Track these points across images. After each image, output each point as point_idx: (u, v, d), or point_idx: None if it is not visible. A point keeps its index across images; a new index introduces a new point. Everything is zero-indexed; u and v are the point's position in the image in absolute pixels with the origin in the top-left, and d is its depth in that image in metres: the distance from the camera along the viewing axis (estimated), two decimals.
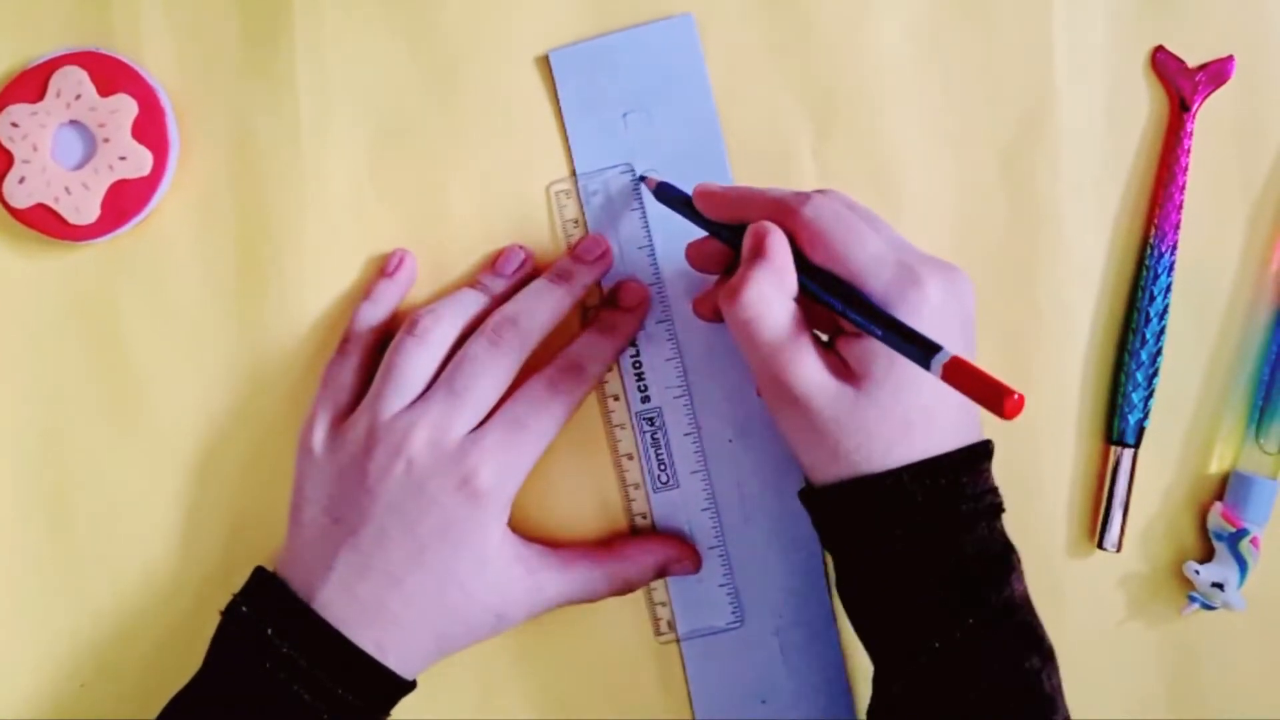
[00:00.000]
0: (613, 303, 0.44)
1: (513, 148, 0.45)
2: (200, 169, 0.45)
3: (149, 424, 0.46)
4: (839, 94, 0.45)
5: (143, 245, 0.45)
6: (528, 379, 0.42)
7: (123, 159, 0.44)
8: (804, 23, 0.45)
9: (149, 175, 0.44)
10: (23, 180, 0.44)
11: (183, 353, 0.45)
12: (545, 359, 0.43)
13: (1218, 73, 0.44)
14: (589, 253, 0.44)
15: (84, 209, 0.44)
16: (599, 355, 0.43)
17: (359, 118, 0.45)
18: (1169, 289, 0.44)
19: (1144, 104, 0.45)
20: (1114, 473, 0.45)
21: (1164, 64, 0.45)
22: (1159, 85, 0.45)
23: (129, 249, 0.45)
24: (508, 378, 0.42)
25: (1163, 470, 0.45)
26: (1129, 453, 0.45)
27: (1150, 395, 0.44)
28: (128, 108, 0.44)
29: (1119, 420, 0.45)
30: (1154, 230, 0.44)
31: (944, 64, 0.45)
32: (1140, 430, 0.45)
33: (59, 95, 0.44)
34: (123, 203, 0.44)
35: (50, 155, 0.44)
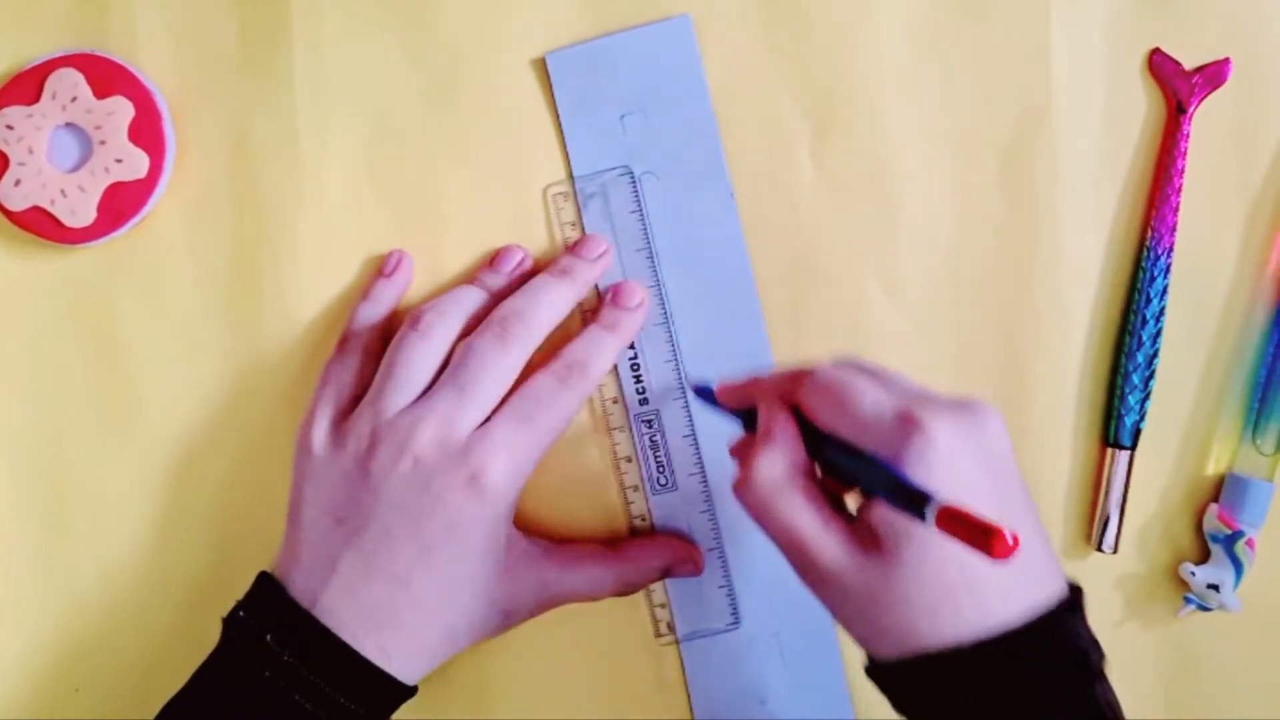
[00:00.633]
0: (613, 301, 0.44)
1: (510, 149, 0.45)
2: (197, 171, 0.45)
3: (145, 426, 0.46)
4: (837, 95, 0.45)
5: (139, 248, 0.45)
6: (531, 375, 0.42)
7: (119, 161, 0.44)
8: (802, 24, 0.45)
9: (145, 178, 0.44)
10: (18, 183, 0.44)
11: (179, 355, 0.45)
12: (542, 358, 0.43)
13: (1214, 75, 0.44)
14: (590, 251, 0.44)
15: (80, 211, 0.44)
16: (602, 352, 0.43)
17: (356, 120, 0.45)
18: (1165, 291, 0.44)
19: (1141, 106, 0.45)
20: (1110, 475, 0.45)
21: (1161, 66, 0.45)
22: (1156, 87, 0.45)
23: (125, 252, 0.45)
24: (513, 373, 0.41)
25: (1159, 472, 0.45)
26: (1125, 455, 0.45)
27: (1147, 397, 0.45)
28: (124, 110, 0.44)
29: (1115, 422, 0.45)
30: (1150, 232, 0.45)
31: (942, 65, 0.45)
32: (1137, 432, 0.45)
33: (55, 97, 0.44)
34: (119, 205, 0.44)
35: (46, 158, 0.44)
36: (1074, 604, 0.35)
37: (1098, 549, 0.45)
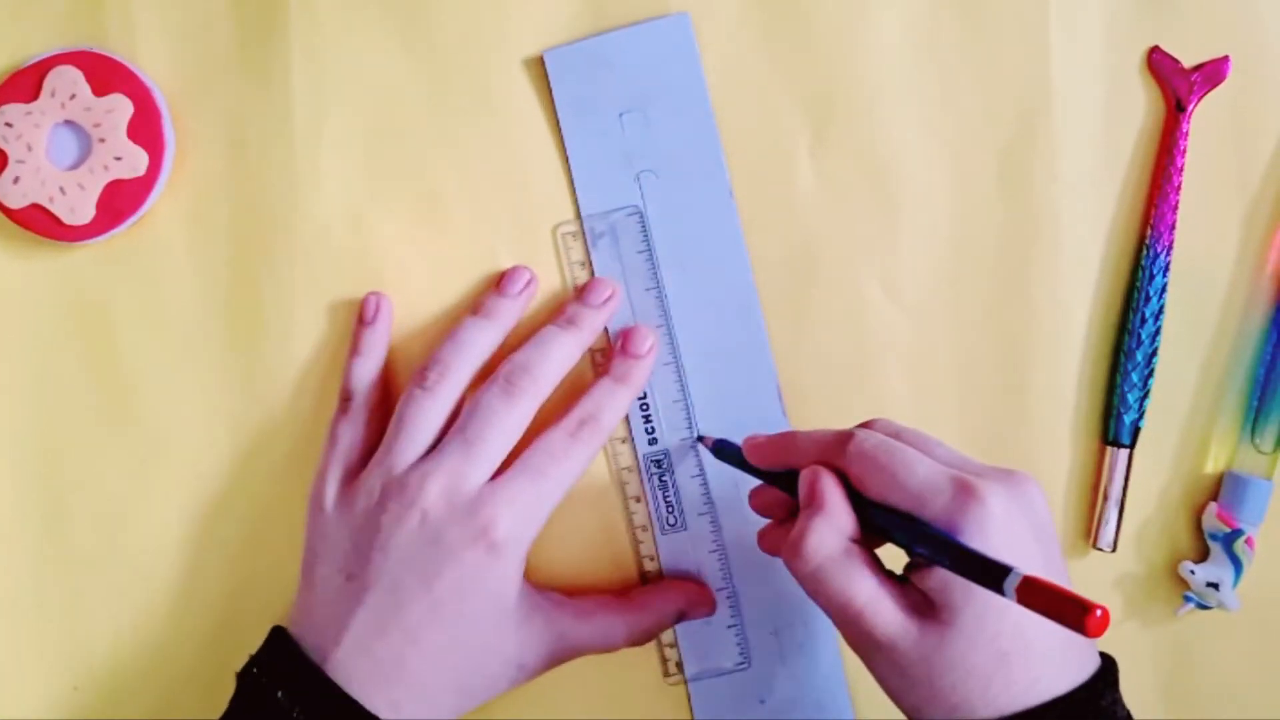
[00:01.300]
0: (622, 350, 0.44)
1: (508, 149, 0.45)
2: (195, 169, 0.45)
3: (143, 425, 0.45)
4: (836, 94, 0.45)
5: (138, 245, 0.45)
6: (541, 428, 0.42)
7: (118, 159, 0.44)
8: (801, 23, 0.45)
9: (144, 175, 0.44)
10: (17, 180, 0.44)
11: (177, 353, 0.45)
12: (551, 404, 0.42)
13: (1213, 73, 0.44)
14: (597, 296, 0.44)
15: (79, 209, 0.44)
16: (615, 405, 0.43)
17: (354, 117, 0.45)
18: (1164, 289, 0.44)
19: (1140, 104, 0.45)
20: (1109, 473, 0.45)
21: (1159, 64, 0.45)
22: (1154, 85, 0.45)
23: (124, 249, 0.45)
24: (521, 426, 0.41)
25: (1158, 470, 0.45)
26: (1124, 453, 0.45)
27: (1146, 396, 0.44)
28: (123, 108, 0.44)
29: (1114, 421, 0.45)
30: (1150, 230, 0.44)
31: (941, 64, 0.45)
32: (1136, 431, 0.45)
33: (54, 95, 0.44)
34: (118, 203, 0.44)
35: (45, 155, 0.44)
36: (1111, 674, 0.36)
37: (1096, 547, 0.45)
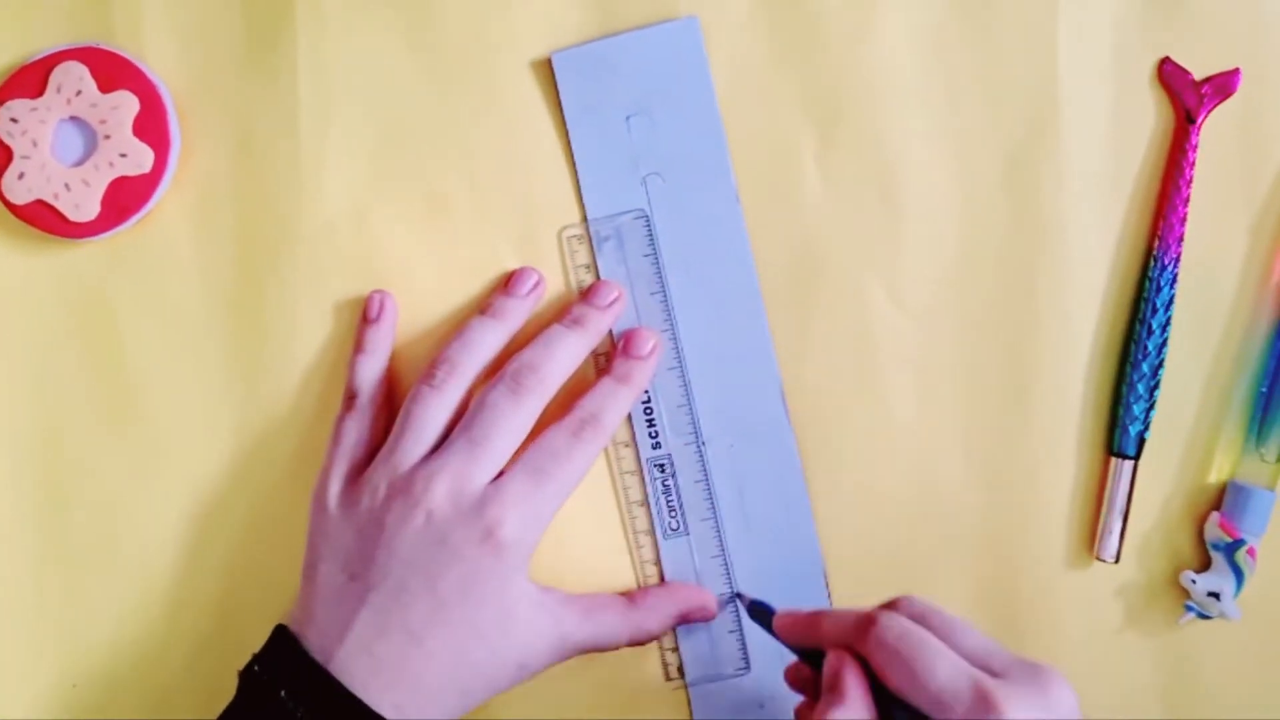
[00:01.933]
0: (625, 351, 0.44)
1: (514, 151, 0.45)
2: (201, 166, 0.45)
3: (146, 422, 0.45)
4: (843, 100, 0.45)
5: (142, 243, 0.45)
6: (544, 428, 0.42)
7: (123, 156, 0.44)
8: (809, 28, 0.45)
9: (150, 172, 0.44)
10: (22, 176, 0.44)
11: (181, 351, 0.45)
12: (556, 404, 0.42)
13: (1223, 85, 0.44)
14: (603, 298, 0.44)
15: (84, 206, 0.44)
16: (616, 404, 0.43)
17: (360, 116, 0.45)
18: (1171, 301, 0.44)
19: (1149, 115, 0.45)
20: (1114, 484, 0.45)
21: (1170, 76, 0.45)
22: (1165, 97, 0.45)
23: (128, 246, 0.45)
24: (527, 426, 0.41)
25: (1161, 480, 0.45)
26: (1129, 464, 0.45)
27: (1151, 407, 0.44)
28: (129, 104, 0.44)
29: (1120, 431, 0.45)
30: (1157, 241, 0.44)
31: (948, 72, 0.45)
32: (1141, 441, 0.45)
33: (59, 91, 0.44)
34: (123, 200, 0.44)
35: (50, 151, 0.44)
36: None
37: (1099, 558, 0.45)
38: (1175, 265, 0.44)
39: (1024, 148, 0.45)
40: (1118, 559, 0.45)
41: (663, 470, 0.45)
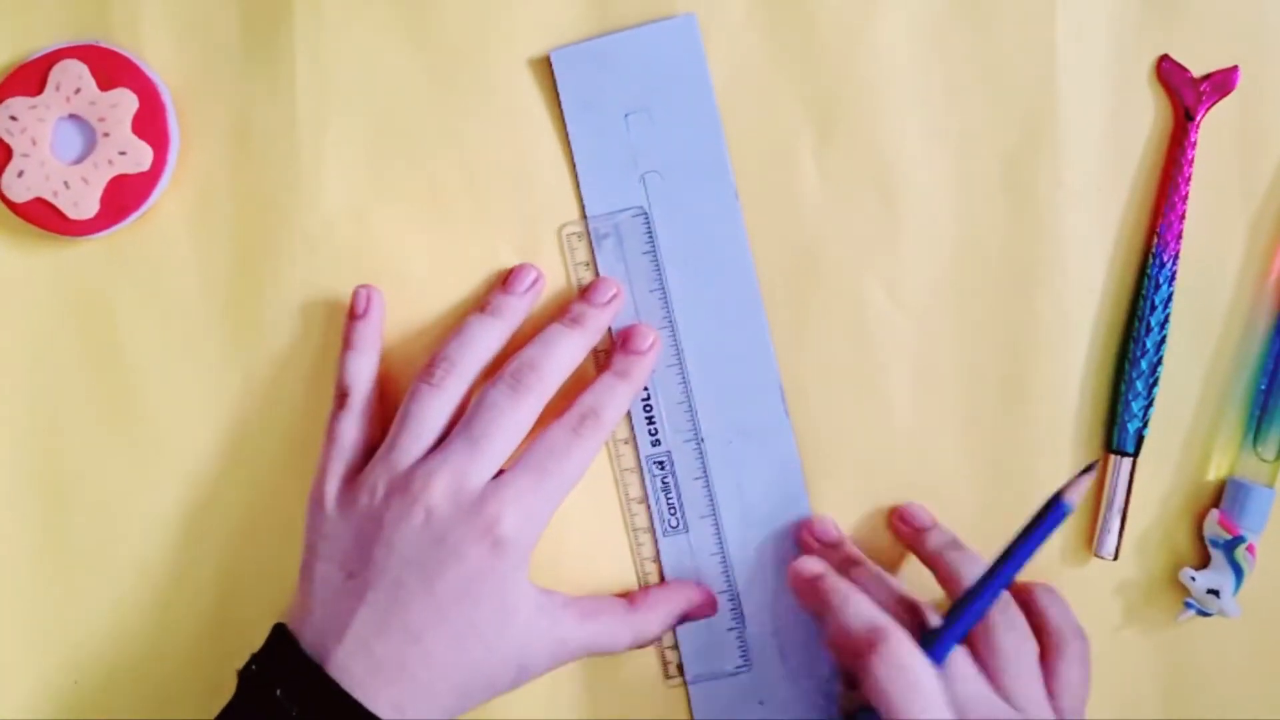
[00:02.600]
0: (624, 347, 0.44)
1: (513, 148, 0.45)
2: (200, 164, 0.45)
3: (145, 420, 0.45)
4: (841, 97, 0.45)
5: (141, 241, 0.45)
6: (544, 426, 0.42)
7: (122, 154, 0.44)
8: (807, 25, 0.45)
9: (149, 170, 0.44)
10: (21, 174, 0.44)
11: (179, 349, 0.45)
12: (555, 402, 0.42)
13: (1222, 83, 0.44)
14: (601, 296, 0.44)
15: (83, 204, 0.44)
16: (615, 400, 0.43)
17: (359, 114, 0.45)
18: (1170, 298, 0.44)
19: (1148, 113, 0.45)
20: (1113, 481, 0.45)
21: (1169, 73, 0.45)
22: (1163, 94, 0.45)
23: (127, 244, 0.45)
24: (527, 424, 0.41)
25: (1160, 478, 0.45)
26: (1128, 461, 0.45)
27: (1150, 404, 0.45)
28: (128, 102, 0.44)
29: (1119, 429, 0.45)
30: (1156, 239, 0.44)
31: (947, 69, 0.45)
32: (1140, 439, 0.45)
33: (59, 89, 0.44)
34: (122, 198, 0.44)
35: (49, 149, 0.44)
36: None
37: (1098, 556, 0.45)
38: (1174, 262, 0.44)
39: (1023, 145, 0.45)
40: (1117, 556, 0.45)
41: (662, 467, 0.45)
